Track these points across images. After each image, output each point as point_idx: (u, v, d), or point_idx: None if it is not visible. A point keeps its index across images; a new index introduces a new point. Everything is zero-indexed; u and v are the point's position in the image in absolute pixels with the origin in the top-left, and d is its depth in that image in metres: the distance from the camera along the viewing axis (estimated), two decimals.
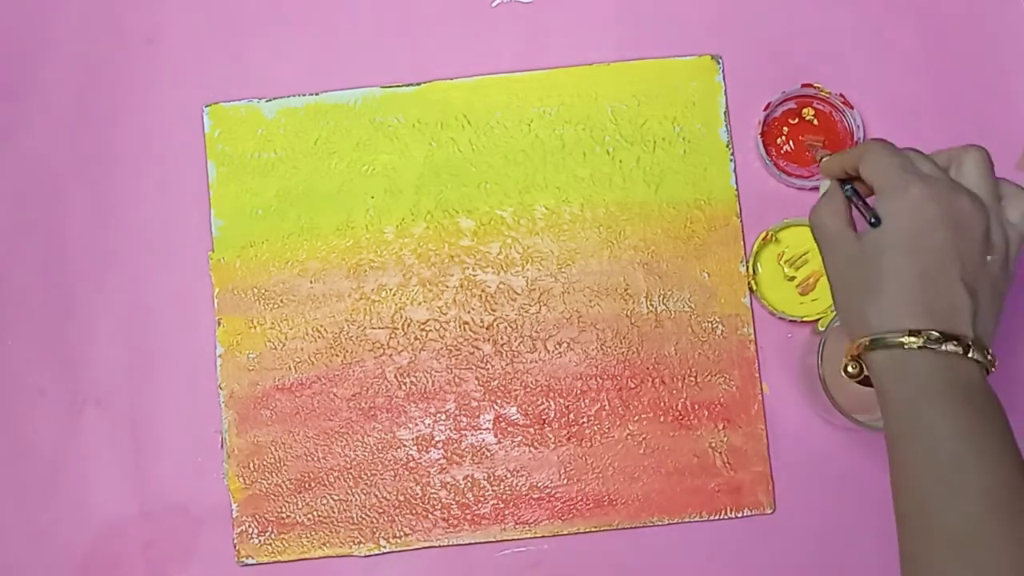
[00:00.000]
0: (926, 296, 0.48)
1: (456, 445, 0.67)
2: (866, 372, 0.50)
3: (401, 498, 0.67)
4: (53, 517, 0.67)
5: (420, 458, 0.67)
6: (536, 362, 0.68)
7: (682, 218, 0.68)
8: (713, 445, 0.66)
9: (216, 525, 0.67)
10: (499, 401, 0.67)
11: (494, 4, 0.71)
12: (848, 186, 0.54)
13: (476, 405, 0.67)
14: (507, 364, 0.68)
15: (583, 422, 0.67)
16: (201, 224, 0.69)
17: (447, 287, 0.68)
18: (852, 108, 0.67)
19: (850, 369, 0.51)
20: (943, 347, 0.47)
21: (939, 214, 0.49)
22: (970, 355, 0.48)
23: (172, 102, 0.70)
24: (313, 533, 0.66)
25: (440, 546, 0.66)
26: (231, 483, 0.67)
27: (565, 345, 0.68)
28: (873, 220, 0.50)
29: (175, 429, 0.68)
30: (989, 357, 0.49)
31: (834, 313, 0.62)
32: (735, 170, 0.69)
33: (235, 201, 0.69)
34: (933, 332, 0.47)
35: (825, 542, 0.66)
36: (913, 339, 0.47)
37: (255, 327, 0.68)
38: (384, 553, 0.66)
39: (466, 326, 0.68)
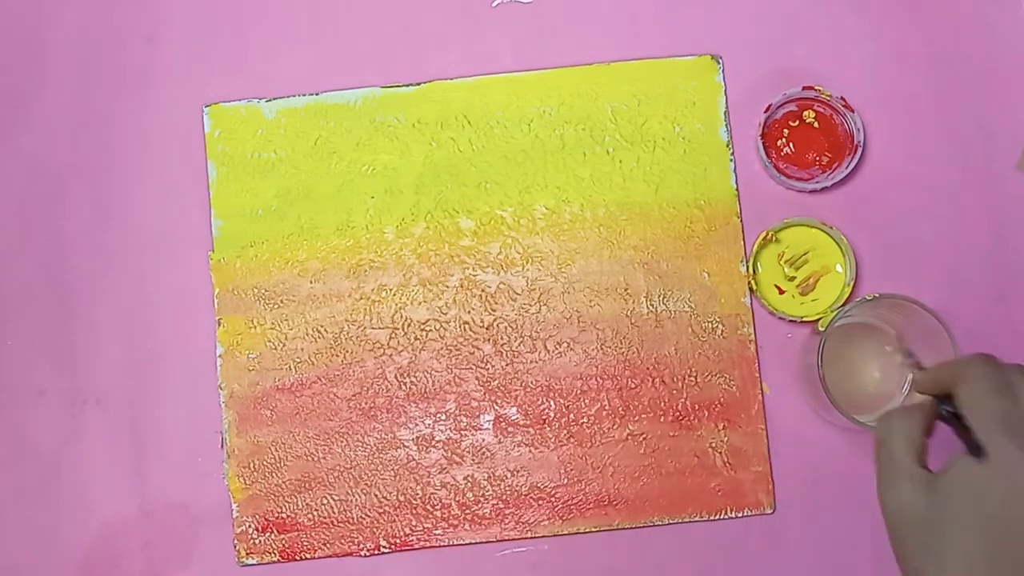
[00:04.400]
0: None
1: (456, 445, 0.67)
2: None
3: (401, 498, 0.67)
4: (53, 517, 0.67)
5: (420, 458, 0.67)
6: (536, 362, 0.68)
7: (682, 218, 0.69)
8: (713, 445, 0.66)
9: (216, 525, 0.67)
10: (499, 401, 0.67)
11: (494, 4, 0.71)
12: (946, 408, 0.46)
13: (476, 405, 0.67)
14: (507, 364, 0.68)
15: (583, 422, 0.67)
16: (201, 224, 0.69)
17: (447, 287, 0.68)
18: (853, 111, 0.67)
19: None
20: None
21: None
22: None
23: (172, 102, 0.70)
24: (313, 533, 0.66)
25: (440, 546, 0.66)
26: (231, 483, 0.67)
27: (565, 345, 0.68)
28: (976, 452, 0.43)
29: (175, 429, 0.68)
30: None
31: (834, 313, 0.62)
32: (735, 170, 0.69)
33: (235, 201, 0.69)
34: None
35: (825, 542, 0.66)
36: None
37: (255, 327, 0.68)
38: (384, 553, 0.66)
39: (466, 326, 0.68)
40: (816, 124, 0.69)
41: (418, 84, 0.70)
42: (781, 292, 0.68)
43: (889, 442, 0.46)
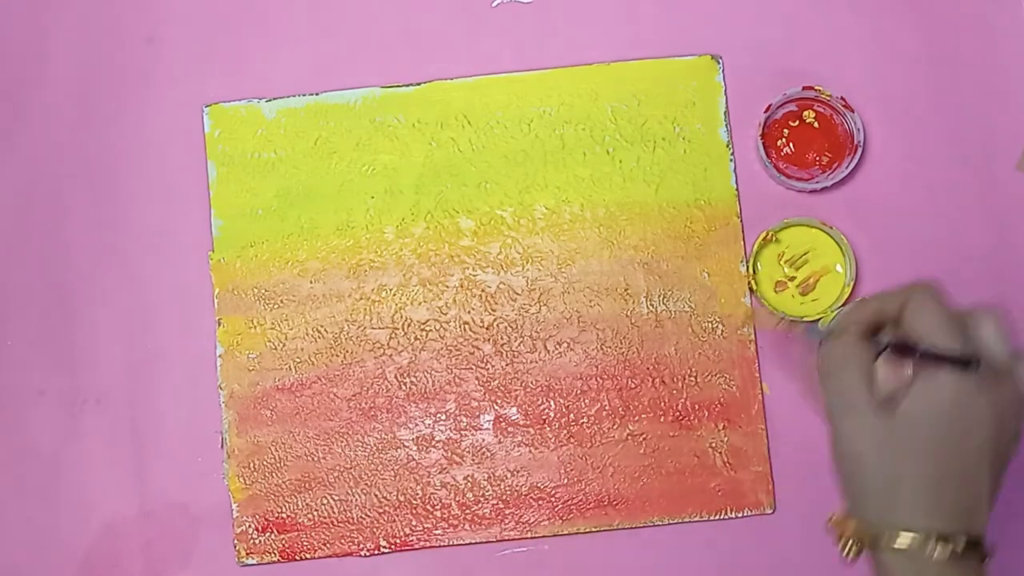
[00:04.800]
0: (958, 496, 0.45)
1: (456, 445, 0.67)
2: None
3: (401, 498, 0.67)
4: (53, 517, 0.67)
5: (420, 458, 0.67)
6: (536, 362, 0.68)
7: (682, 218, 0.69)
8: (713, 445, 0.67)
9: (216, 525, 0.67)
10: (499, 401, 0.67)
11: (494, 4, 0.71)
12: (889, 339, 0.47)
13: (476, 405, 0.67)
14: (507, 364, 0.68)
15: (583, 422, 0.67)
16: (201, 224, 0.69)
17: (447, 287, 0.68)
18: (853, 111, 0.67)
19: (851, 552, 0.47)
20: (961, 552, 0.44)
21: (988, 410, 0.45)
22: (985, 562, 0.45)
23: (172, 102, 0.70)
24: (313, 533, 0.66)
25: (440, 546, 0.66)
26: (231, 483, 0.67)
27: (565, 345, 0.68)
28: (971, 363, 0.45)
29: (175, 429, 0.68)
30: (988, 550, 0.46)
31: (834, 313, 0.62)
32: (735, 170, 0.69)
33: (235, 201, 0.69)
34: (960, 537, 0.44)
35: (825, 542, 0.66)
36: (939, 546, 0.44)
37: (255, 327, 0.68)
38: (384, 553, 0.66)
39: (466, 326, 0.68)
40: (816, 124, 0.69)
41: (418, 84, 0.70)
42: (780, 292, 0.68)
43: (844, 372, 0.47)
